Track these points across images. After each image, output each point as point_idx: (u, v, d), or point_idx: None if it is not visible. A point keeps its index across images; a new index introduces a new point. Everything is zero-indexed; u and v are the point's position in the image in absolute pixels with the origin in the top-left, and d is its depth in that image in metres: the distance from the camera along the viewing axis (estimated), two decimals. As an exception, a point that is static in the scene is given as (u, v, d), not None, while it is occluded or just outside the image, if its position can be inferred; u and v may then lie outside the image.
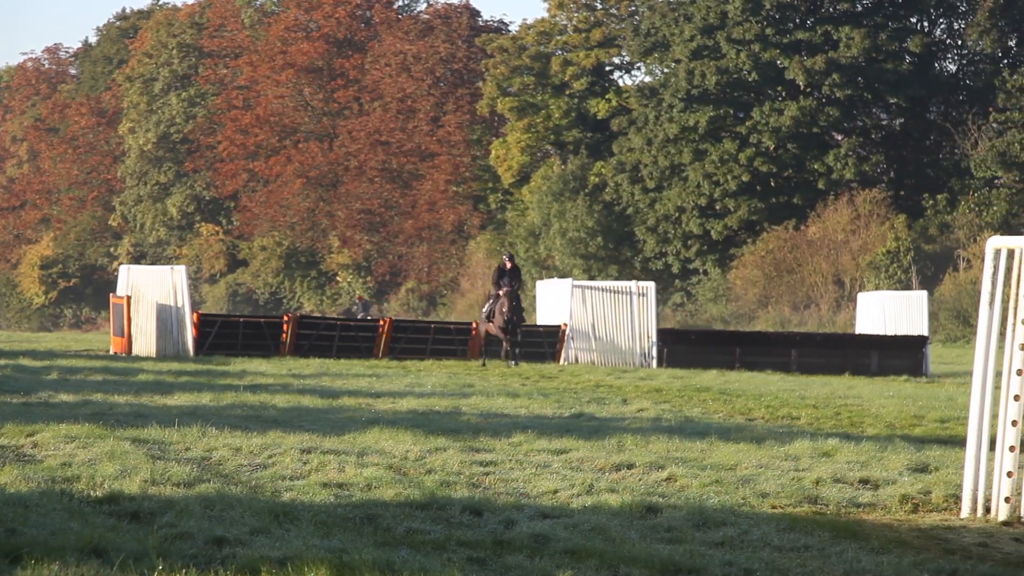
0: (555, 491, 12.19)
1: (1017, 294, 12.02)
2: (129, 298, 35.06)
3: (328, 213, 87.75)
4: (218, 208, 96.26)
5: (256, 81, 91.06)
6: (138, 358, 32.94)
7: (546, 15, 79.65)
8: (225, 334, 34.99)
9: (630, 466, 13.75)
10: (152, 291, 34.91)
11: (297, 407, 19.20)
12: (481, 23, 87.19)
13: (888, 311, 40.89)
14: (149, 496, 10.89)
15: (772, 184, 69.55)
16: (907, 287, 57.06)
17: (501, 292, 32.14)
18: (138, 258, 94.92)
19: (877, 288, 56.54)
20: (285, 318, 36.35)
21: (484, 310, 33.03)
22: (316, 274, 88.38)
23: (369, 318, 47.11)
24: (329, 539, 9.60)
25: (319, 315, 68.64)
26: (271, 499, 11.19)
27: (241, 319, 37.65)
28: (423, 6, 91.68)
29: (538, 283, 45.41)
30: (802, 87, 68.39)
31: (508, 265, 32.53)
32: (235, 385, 22.58)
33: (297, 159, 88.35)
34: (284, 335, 35.13)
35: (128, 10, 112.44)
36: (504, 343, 32.32)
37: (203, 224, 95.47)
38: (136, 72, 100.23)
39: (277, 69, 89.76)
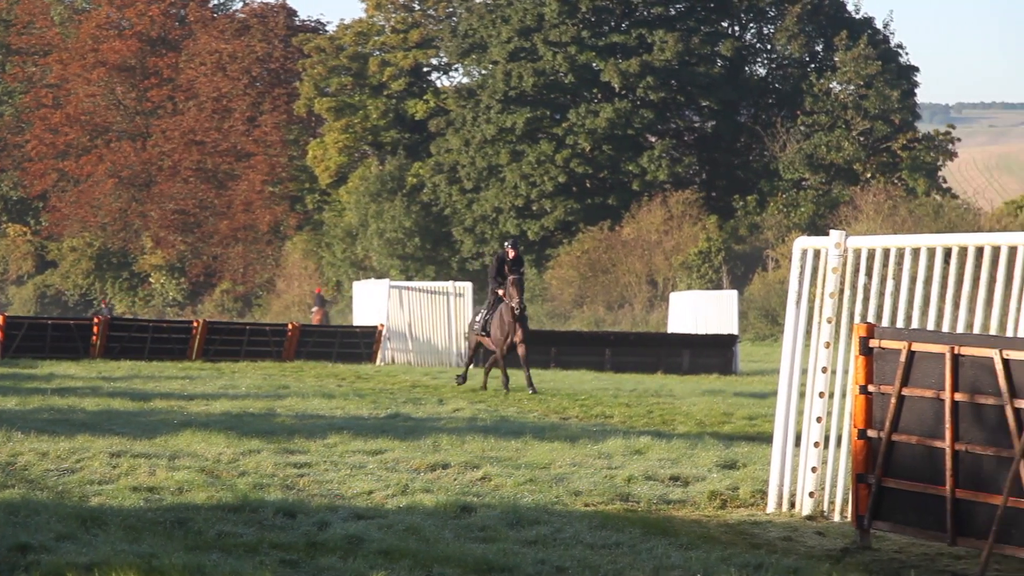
0: (370, 492, 12.15)
1: (823, 293, 12.30)
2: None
3: (141, 213, 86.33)
4: (26, 208, 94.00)
5: (66, 79, 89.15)
6: (-58, 362, 32.04)
7: (364, 15, 79.36)
8: (32, 336, 34.17)
9: (445, 466, 13.77)
10: (-43, 293, 33.97)
11: (107, 410, 18.85)
12: (298, 23, 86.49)
13: (699, 310, 41.56)
14: (-49, 503, 10.61)
15: (588, 185, 70.24)
16: (718, 287, 58.01)
17: (502, 292, 24.50)
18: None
19: (689, 288, 57.39)
20: (95, 320, 35.66)
21: (477, 318, 25.26)
22: (128, 275, 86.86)
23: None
24: (138, 544, 9.45)
25: (131, 316, 67.47)
26: (79, 504, 10.97)
27: (49, 321, 36.85)
28: (239, 5, 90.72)
29: (355, 284, 45.22)
30: (617, 89, 69.15)
31: (511, 254, 24.58)
32: (43, 388, 22.08)
33: (109, 158, 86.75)
34: (94, 337, 34.44)
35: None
36: (500, 361, 24.50)
37: (10, 225, 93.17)
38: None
39: (88, 67, 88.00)
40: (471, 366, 26.50)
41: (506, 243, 25.09)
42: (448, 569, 9.11)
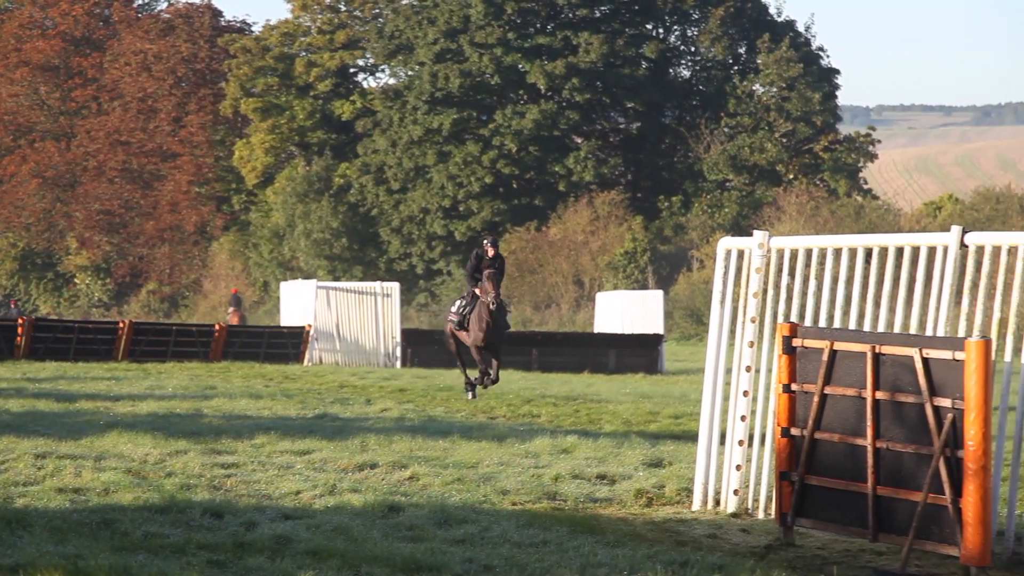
0: (298, 492, 12.10)
1: (747, 293, 12.38)
2: None
3: (66, 214, 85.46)
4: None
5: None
6: None
7: (290, 16, 78.99)
8: (-44, 338, 33.77)
9: (373, 466, 13.74)
10: None
11: (32, 411, 18.66)
12: (224, 23, 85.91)
13: (625, 310, 41.73)
14: None
15: (514, 186, 70.30)
16: (644, 287, 58.23)
17: (479, 290, 22.98)
18: None
19: (615, 288, 57.56)
20: (20, 320, 35.27)
21: (453, 309, 23.51)
22: (53, 276, 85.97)
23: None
24: (64, 545, 9.36)
25: (56, 317, 66.79)
26: (3, 506, 10.85)
27: (-27, 322, 36.40)
28: (164, 5, 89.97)
29: (282, 284, 45.03)
30: (543, 91, 69.27)
31: (490, 252, 22.91)
32: (-33, 390, 21.82)
33: (33, 159, 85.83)
34: (19, 338, 34.07)
35: None
36: (478, 360, 22.64)
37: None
38: None
39: (11, 67, 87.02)
40: (466, 368, 23.19)
41: (484, 241, 22.76)
42: (376, 568, 9.10)
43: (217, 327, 37.36)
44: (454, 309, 23.06)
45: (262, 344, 37.06)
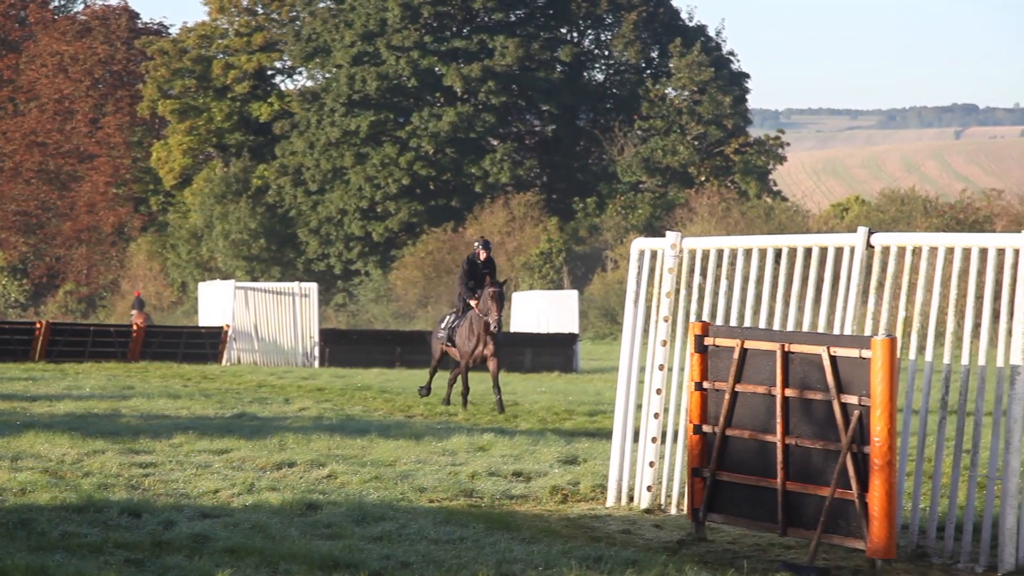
0: (216, 491, 12.02)
1: (660, 293, 12.44)
2: None
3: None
4: None
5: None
6: None
7: (207, 19, 78.42)
8: None
9: (291, 464, 13.68)
10: None
11: (-51, 413, 18.40)
12: (141, 25, 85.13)
13: (541, 310, 41.81)
14: None
15: (431, 187, 70.24)
16: (559, 287, 58.38)
17: (475, 303, 21.68)
18: None
19: (531, 288, 57.66)
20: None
21: (442, 325, 22.18)
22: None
23: None
24: (-20, 546, 9.24)
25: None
26: (-81, 507, 10.69)
27: None
28: (80, 7, 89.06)
29: (200, 285, 44.69)
30: (459, 94, 69.26)
31: (483, 255, 21.61)
32: None
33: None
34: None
35: None
36: (464, 373, 21.75)
37: None
38: None
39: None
40: (434, 375, 23.15)
41: (476, 244, 21.53)
42: (294, 566, 9.05)
43: (135, 327, 37.02)
44: (443, 324, 22.20)
45: (180, 344, 36.76)
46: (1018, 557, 9.95)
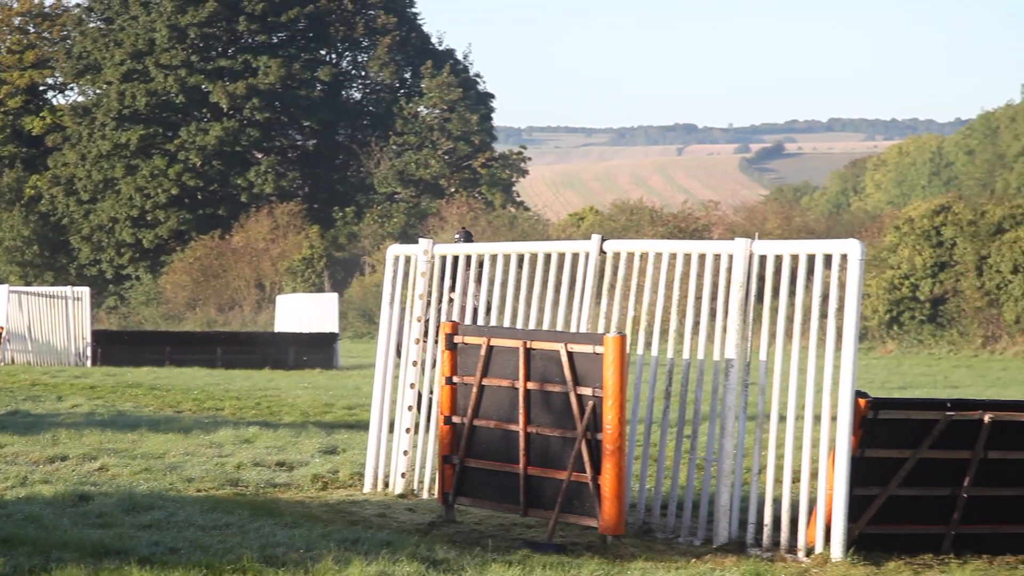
0: (-11, 485, 11.61)
1: (413, 295, 12.48)
2: None
3: None
4: None
5: None
6: None
7: (-20, 35, 75.61)
8: None
9: (64, 458, 13.30)
10: None
11: None
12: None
13: (303, 311, 41.48)
14: None
15: (199, 197, 69.19)
16: (320, 290, 57.96)
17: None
18: None
19: (294, 291, 57.13)
20: None
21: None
22: None
23: None
24: None
25: None
26: None
27: None
28: None
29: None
30: (225, 109, 68.37)
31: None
32: None
33: None
34: None
35: None
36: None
37: None
38: None
39: None
40: None
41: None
42: (66, 554, 8.80)
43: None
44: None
45: (-46, 346, 35.37)
46: (731, 531, 10.27)
